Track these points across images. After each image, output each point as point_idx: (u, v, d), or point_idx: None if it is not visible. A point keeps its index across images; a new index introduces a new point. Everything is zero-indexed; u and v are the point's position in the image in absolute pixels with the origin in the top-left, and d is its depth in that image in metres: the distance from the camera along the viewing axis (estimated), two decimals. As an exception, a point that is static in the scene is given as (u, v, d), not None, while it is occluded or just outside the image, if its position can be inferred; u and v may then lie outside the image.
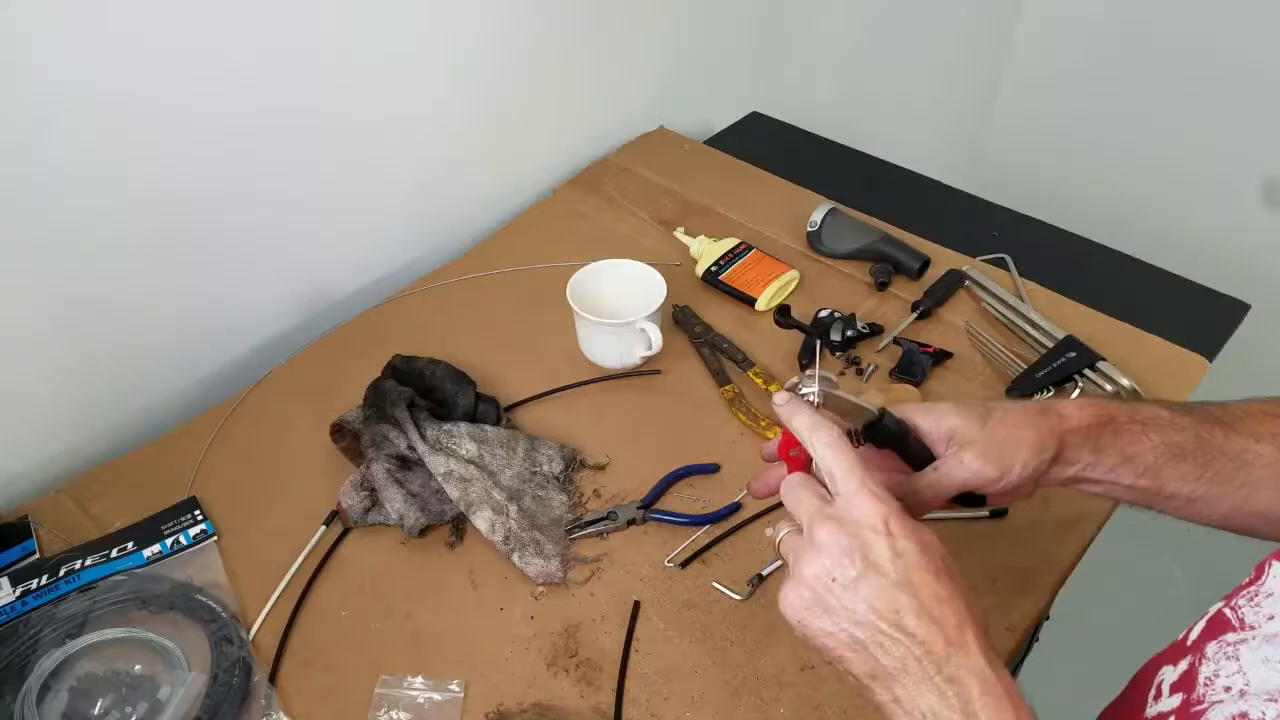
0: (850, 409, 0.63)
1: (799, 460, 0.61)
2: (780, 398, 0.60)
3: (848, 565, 0.52)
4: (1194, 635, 0.53)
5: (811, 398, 0.60)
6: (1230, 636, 0.50)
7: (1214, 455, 0.64)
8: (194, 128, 0.88)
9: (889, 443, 0.65)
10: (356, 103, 1.01)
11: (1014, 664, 1.03)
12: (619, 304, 0.98)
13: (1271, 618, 0.49)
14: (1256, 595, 0.51)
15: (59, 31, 0.76)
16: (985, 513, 0.84)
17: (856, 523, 0.53)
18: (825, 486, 0.56)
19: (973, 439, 0.63)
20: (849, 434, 0.64)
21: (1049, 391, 0.94)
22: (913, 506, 0.63)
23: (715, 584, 0.80)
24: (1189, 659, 0.52)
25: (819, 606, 0.53)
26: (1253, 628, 0.50)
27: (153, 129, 0.85)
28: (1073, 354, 0.95)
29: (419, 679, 0.73)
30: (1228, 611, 0.52)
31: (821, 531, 0.53)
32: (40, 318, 0.86)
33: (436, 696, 0.72)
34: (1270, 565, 0.52)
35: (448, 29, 1.05)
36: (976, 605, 0.52)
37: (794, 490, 0.57)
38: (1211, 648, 0.50)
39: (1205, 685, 0.49)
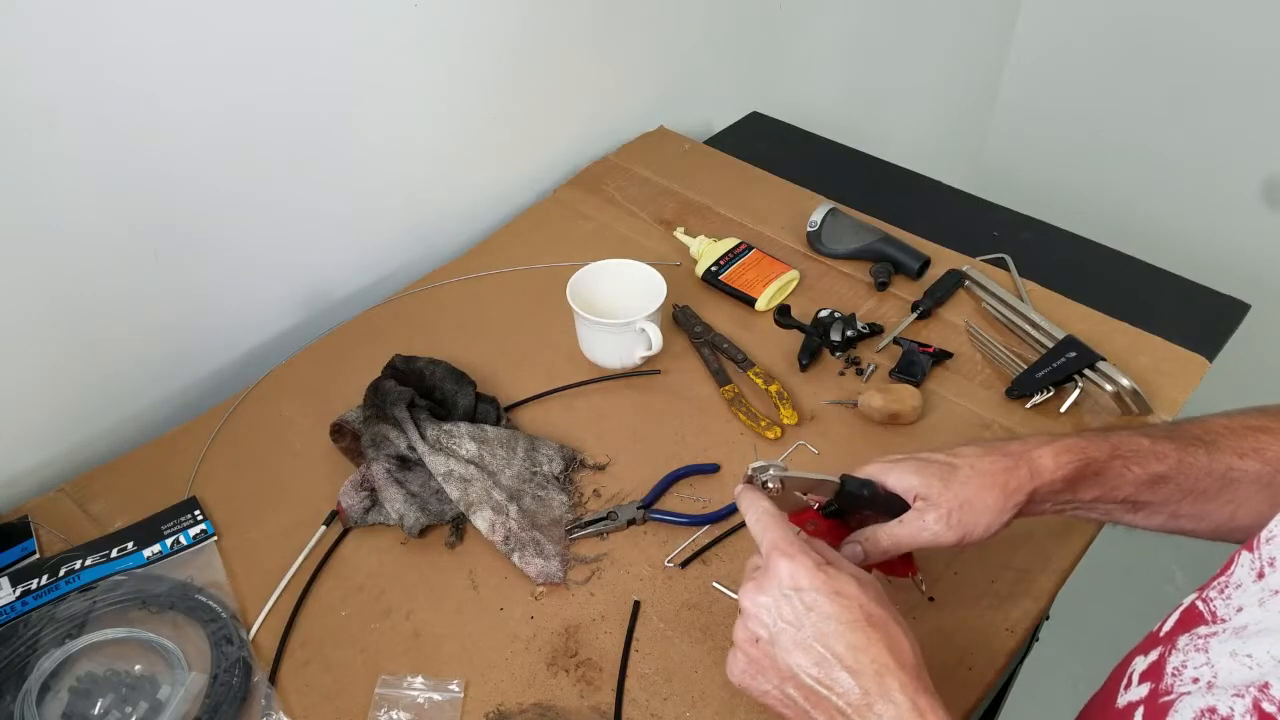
0: (812, 485, 0.66)
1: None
2: (738, 489, 0.64)
3: (768, 623, 0.55)
4: (1167, 627, 0.54)
5: (770, 484, 0.64)
6: (1202, 630, 0.50)
7: (1198, 477, 0.64)
8: (194, 128, 0.88)
9: (862, 505, 0.67)
10: (356, 103, 1.01)
11: (1014, 664, 1.03)
12: (619, 304, 0.98)
13: (1240, 610, 0.49)
14: (1226, 587, 0.51)
15: (60, 29, 0.76)
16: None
17: (772, 583, 0.55)
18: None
19: (935, 501, 0.64)
20: (824, 508, 0.67)
21: (1049, 392, 0.94)
22: (874, 554, 0.66)
23: (715, 584, 0.80)
24: (1159, 650, 0.52)
25: (753, 668, 0.56)
26: (1223, 620, 0.50)
27: (153, 130, 0.85)
28: (1073, 354, 0.95)
29: (419, 679, 0.73)
30: (1200, 604, 0.52)
31: (744, 597, 0.56)
32: (40, 319, 0.86)
33: (436, 696, 0.72)
34: (1239, 556, 0.52)
35: (447, 29, 1.05)
36: (906, 649, 0.53)
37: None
38: (1183, 640, 0.50)
39: (1173, 675, 0.49)
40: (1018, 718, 1.26)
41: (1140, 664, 0.53)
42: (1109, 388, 0.92)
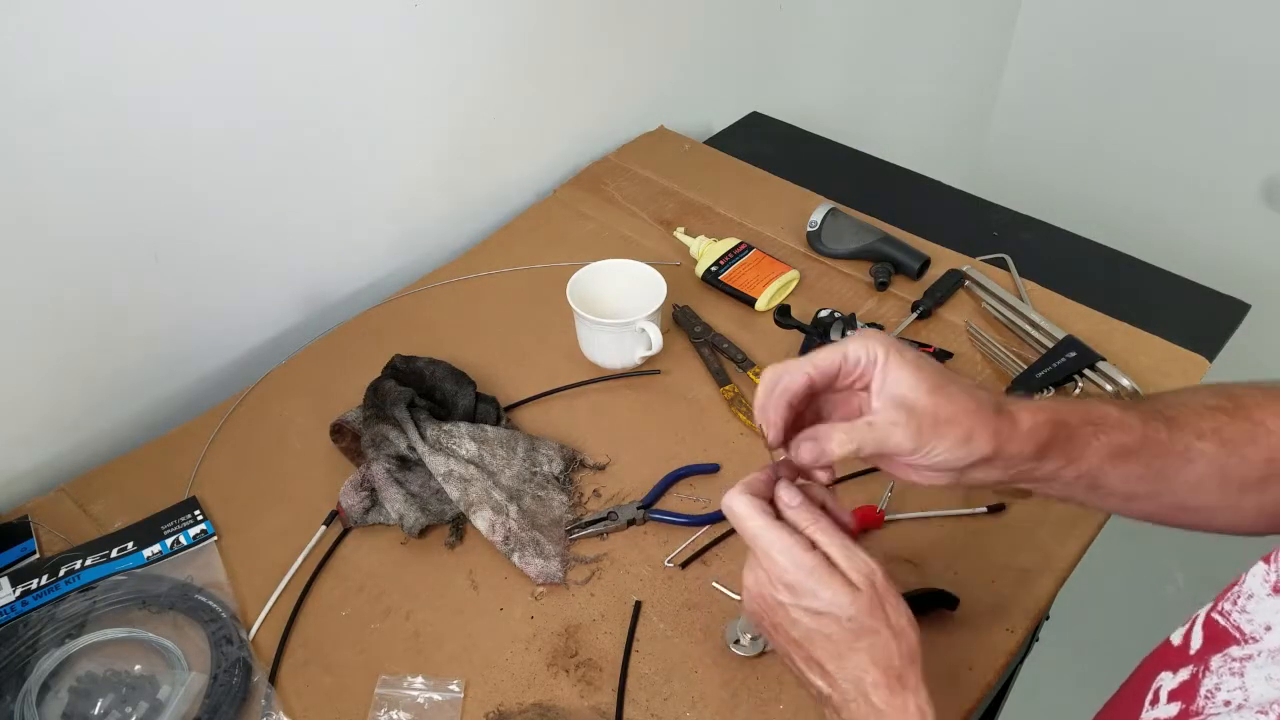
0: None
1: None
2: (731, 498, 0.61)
3: (763, 614, 0.58)
4: (1195, 644, 0.53)
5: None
6: (1235, 651, 0.49)
7: (1159, 454, 0.62)
8: (194, 129, 0.88)
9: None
10: (356, 103, 1.01)
11: (1014, 664, 1.03)
12: (619, 304, 0.98)
13: (1269, 629, 0.49)
14: (1239, 598, 0.51)
15: (61, 31, 0.76)
16: (983, 509, 0.84)
17: (764, 584, 0.57)
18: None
19: (909, 404, 0.57)
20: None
21: (1049, 392, 0.94)
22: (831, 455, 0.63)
23: (715, 584, 0.80)
24: (1191, 669, 0.51)
25: (760, 626, 0.60)
26: (1253, 639, 0.49)
27: (153, 132, 0.85)
28: (1073, 354, 0.95)
29: (419, 679, 0.73)
30: (1217, 618, 0.52)
31: (746, 575, 0.59)
32: (41, 319, 0.86)
33: (436, 696, 0.72)
34: (1253, 566, 0.52)
35: (447, 29, 1.05)
36: (893, 652, 0.55)
37: None
38: (1216, 660, 0.50)
39: (1206, 698, 0.49)
40: (1018, 718, 1.26)
41: (1169, 681, 0.53)
42: (1109, 388, 0.92)
